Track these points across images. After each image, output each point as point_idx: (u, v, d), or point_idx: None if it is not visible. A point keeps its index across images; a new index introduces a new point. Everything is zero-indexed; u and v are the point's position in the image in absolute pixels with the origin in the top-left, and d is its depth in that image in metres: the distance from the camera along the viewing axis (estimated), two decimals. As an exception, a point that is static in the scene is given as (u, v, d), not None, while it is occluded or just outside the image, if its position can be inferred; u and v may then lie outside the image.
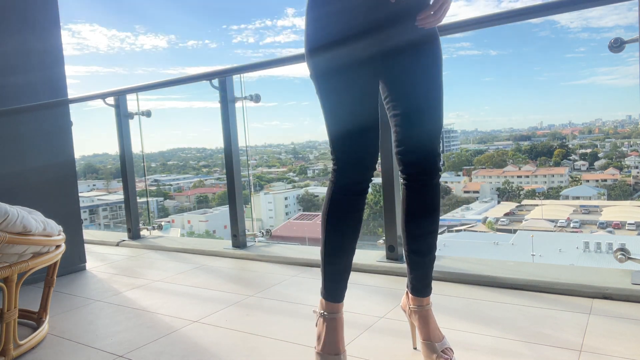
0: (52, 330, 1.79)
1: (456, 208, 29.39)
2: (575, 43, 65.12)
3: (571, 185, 30.31)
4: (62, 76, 2.66)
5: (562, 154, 34.16)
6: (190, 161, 33.34)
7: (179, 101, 46.34)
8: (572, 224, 24.79)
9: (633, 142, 34.17)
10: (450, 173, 35.13)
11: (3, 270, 1.46)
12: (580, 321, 1.56)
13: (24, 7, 2.50)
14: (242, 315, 1.83)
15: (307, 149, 40.58)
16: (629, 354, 1.32)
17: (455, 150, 40.41)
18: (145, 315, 1.90)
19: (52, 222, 1.70)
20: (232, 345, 1.56)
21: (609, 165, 31.50)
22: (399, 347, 1.47)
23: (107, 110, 3.48)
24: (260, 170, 33.57)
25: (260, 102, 2.97)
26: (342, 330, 1.33)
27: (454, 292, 1.92)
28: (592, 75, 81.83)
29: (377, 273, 2.25)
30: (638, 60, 1.74)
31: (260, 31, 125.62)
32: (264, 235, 3.02)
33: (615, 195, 28.46)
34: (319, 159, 38.20)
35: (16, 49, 2.48)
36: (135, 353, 1.55)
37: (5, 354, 1.51)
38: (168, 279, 2.42)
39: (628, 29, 6.23)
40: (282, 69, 2.86)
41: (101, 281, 2.47)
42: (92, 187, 15.31)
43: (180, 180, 30.32)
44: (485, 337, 1.50)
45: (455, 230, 25.59)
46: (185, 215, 25.16)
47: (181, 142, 67.74)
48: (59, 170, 2.66)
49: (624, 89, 68.46)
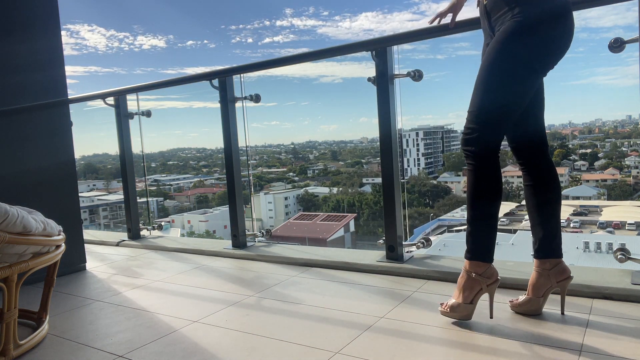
0: (52, 330, 1.79)
1: (456, 208, 29.38)
2: (574, 43, 65.02)
3: (571, 185, 30.31)
4: (62, 76, 2.66)
5: (562, 154, 34.15)
6: (190, 161, 33.33)
7: (178, 101, 46.55)
8: (572, 224, 24.78)
9: (633, 142, 34.16)
10: (450, 173, 35.12)
11: (3, 270, 1.46)
12: (580, 321, 1.56)
13: (24, 7, 2.50)
14: (242, 315, 1.83)
15: (307, 149, 40.58)
16: (629, 354, 1.32)
17: (455, 150, 40.40)
18: (145, 315, 1.90)
19: (52, 222, 1.70)
20: (232, 345, 1.56)
21: (609, 165, 31.49)
22: (399, 347, 1.47)
23: (107, 110, 3.48)
24: (260, 170, 33.56)
25: (260, 102, 2.97)
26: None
27: (454, 292, 1.92)
28: (591, 75, 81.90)
29: (377, 273, 2.25)
30: (638, 60, 1.74)
31: (258, 31, 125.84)
32: (264, 235, 3.02)
33: (615, 195, 28.45)
34: (319, 159, 38.21)
35: (16, 49, 2.48)
36: (135, 353, 1.55)
37: (5, 354, 1.51)
38: (168, 279, 2.42)
39: (627, 29, 6.26)
40: (281, 69, 2.87)
41: (101, 281, 2.47)
42: (92, 187, 15.30)
43: (180, 180, 30.31)
44: (485, 337, 1.50)
45: (455, 230, 25.57)
46: (185, 215, 25.15)
47: (181, 142, 68.15)
48: (59, 170, 2.66)
49: (623, 89, 68.52)
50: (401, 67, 2.34)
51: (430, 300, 1.87)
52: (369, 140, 38.95)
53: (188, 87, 3.12)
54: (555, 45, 1.52)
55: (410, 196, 28.62)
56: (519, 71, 1.51)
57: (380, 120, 2.34)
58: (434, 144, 39.43)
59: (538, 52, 1.50)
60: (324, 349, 1.48)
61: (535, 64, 1.52)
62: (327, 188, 31.77)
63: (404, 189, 2.43)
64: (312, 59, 2.59)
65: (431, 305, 1.81)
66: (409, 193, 28.84)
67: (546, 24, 1.49)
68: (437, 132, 39.87)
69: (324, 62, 26.45)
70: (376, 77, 2.32)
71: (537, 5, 1.49)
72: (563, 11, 1.50)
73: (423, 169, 37.16)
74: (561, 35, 1.51)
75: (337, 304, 1.88)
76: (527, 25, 1.48)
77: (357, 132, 78.44)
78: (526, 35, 1.49)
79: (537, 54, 1.50)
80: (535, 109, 1.65)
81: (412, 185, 31.10)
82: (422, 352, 1.43)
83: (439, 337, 1.53)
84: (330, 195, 30.22)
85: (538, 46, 1.49)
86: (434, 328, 1.59)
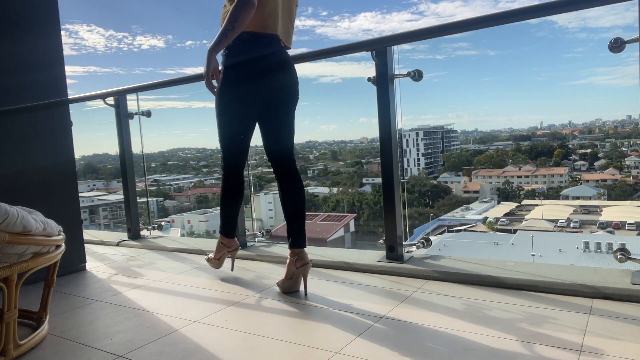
0: (52, 330, 1.79)
1: (456, 208, 29.39)
2: (574, 43, 64.97)
3: (571, 185, 30.31)
4: (62, 76, 2.66)
5: (562, 154, 34.17)
6: (190, 161, 33.30)
7: (177, 101, 46.40)
8: (572, 224, 24.79)
9: (633, 142, 34.17)
10: (450, 173, 35.15)
11: (3, 270, 1.46)
12: (580, 321, 1.56)
13: (24, 7, 2.50)
14: (242, 315, 1.83)
15: (307, 149, 40.58)
16: (629, 354, 1.32)
17: (455, 150, 40.42)
18: (145, 315, 1.90)
19: (52, 222, 1.70)
20: (232, 345, 1.56)
21: (609, 165, 31.50)
22: (399, 347, 1.47)
23: (107, 110, 3.48)
24: (260, 170, 33.56)
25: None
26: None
27: (454, 292, 1.92)
28: (590, 75, 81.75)
29: (377, 273, 2.25)
30: (638, 60, 1.74)
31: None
32: (264, 235, 3.01)
33: (615, 195, 28.46)
34: (319, 159, 38.21)
35: (16, 49, 2.48)
36: (135, 353, 1.55)
37: (5, 354, 1.51)
38: (168, 279, 2.42)
39: (626, 29, 6.23)
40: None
41: (101, 281, 2.47)
42: (92, 187, 15.29)
43: (180, 180, 30.29)
44: (485, 337, 1.50)
45: (455, 230, 25.59)
46: (185, 215, 25.12)
47: (181, 142, 67.86)
48: (59, 170, 2.66)
49: (623, 89, 68.38)
50: (401, 67, 2.34)
51: (430, 300, 1.87)
52: (369, 140, 38.97)
53: (187, 87, 3.11)
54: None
55: (410, 196, 28.63)
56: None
57: (380, 120, 2.34)
58: (434, 144, 39.45)
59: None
60: (324, 349, 1.48)
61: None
62: (327, 188, 31.78)
63: (404, 189, 2.43)
64: (313, 59, 2.59)
65: (431, 305, 1.81)
66: (409, 193, 28.85)
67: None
68: (437, 132, 39.89)
69: (323, 62, 26.35)
70: (376, 77, 2.32)
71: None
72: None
73: (423, 169, 37.18)
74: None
75: (337, 304, 1.88)
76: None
77: (357, 132, 78.35)
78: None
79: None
80: (270, 134, 2.14)
81: (412, 185, 31.12)
82: (422, 352, 1.43)
83: (439, 337, 1.53)
84: (330, 195, 30.23)
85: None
86: (434, 328, 1.59)
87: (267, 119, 2.10)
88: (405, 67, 2.33)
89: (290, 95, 2.08)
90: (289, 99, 2.08)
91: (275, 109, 2.07)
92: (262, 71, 2.00)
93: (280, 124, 2.10)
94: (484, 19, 2.05)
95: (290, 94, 2.08)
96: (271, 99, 2.05)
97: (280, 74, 2.04)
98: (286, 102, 2.08)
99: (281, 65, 2.03)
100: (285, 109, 2.09)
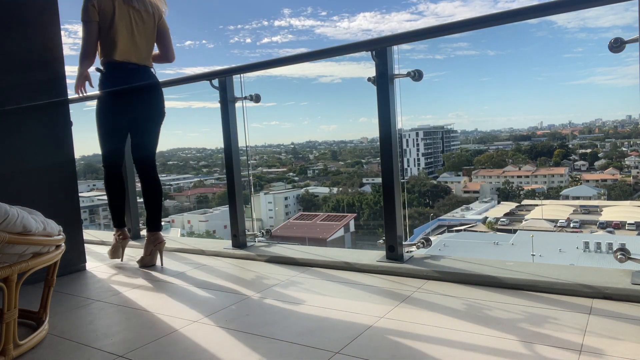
0: (52, 330, 1.79)
1: (456, 208, 29.37)
2: (573, 43, 64.90)
3: (571, 185, 30.29)
4: (62, 76, 2.66)
5: (562, 154, 34.15)
6: (190, 161, 33.30)
7: (177, 101, 46.32)
8: (572, 224, 24.77)
9: (633, 142, 34.15)
10: (450, 173, 35.12)
11: (3, 270, 1.46)
12: (580, 321, 1.56)
13: (24, 6, 2.49)
14: (242, 315, 1.83)
15: (307, 149, 40.57)
16: (629, 354, 1.32)
17: (455, 150, 40.40)
18: (145, 315, 1.90)
19: (52, 222, 1.70)
20: (232, 345, 1.56)
21: (609, 165, 31.48)
22: (399, 347, 1.47)
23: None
24: (260, 170, 33.55)
25: (260, 102, 2.97)
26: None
27: (454, 292, 1.92)
28: (590, 75, 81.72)
29: (377, 273, 2.25)
30: (637, 60, 1.74)
31: (257, 31, 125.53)
32: (264, 235, 3.01)
33: (615, 195, 28.44)
34: (319, 159, 38.20)
35: (16, 49, 2.48)
36: (135, 353, 1.55)
37: (5, 354, 1.51)
38: (168, 278, 2.42)
39: (626, 29, 6.27)
40: (279, 69, 2.85)
41: (101, 281, 2.47)
42: (92, 187, 15.25)
43: (180, 180, 30.28)
44: (485, 337, 1.50)
45: (455, 230, 25.58)
46: (185, 215, 25.11)
47: (181, 142, 68.10)
48: (59, 170, 2.66)
49: (623, 89, 68.48)
50: (400, 67, 2.34)
51: (430, 300, 1.87)
52: (369, 140, 38.93)
53: (187, 87, 3.11)
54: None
55: (410, 196, 28.62)
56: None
57: (380, 120, 2.34)
58: (433, 144, 39.42)
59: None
60: (324, 349, 1.48)
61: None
62: (327, 188, 31.76)
63: (404, 189, 2.43)
64: (313, 59, 2.59)
65: (431, 305, 1.81)
66: (409, 193, 28.85)
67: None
68: (437, 132, 39.87)
69: (323, 62, 25.87)
70: (376, 77, 2.32)
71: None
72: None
73: (423, 169, 37.16)
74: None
75: (337, 304, 1.88)
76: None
77: (357, 132, 78.22)
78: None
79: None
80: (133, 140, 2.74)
81: (412, 185, 31.10)
82: (422, 352, 1.43)
83: (439, 337, 1.53)
84: (330, 195, 30.22)
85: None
86: (434, 328, 1.59)
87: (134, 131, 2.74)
88: (405, 67, 2.33)
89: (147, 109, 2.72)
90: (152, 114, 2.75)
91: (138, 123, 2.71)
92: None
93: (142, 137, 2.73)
94: (484, 19, 2.06)
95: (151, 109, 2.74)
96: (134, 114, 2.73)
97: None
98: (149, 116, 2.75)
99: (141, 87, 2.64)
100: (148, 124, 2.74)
